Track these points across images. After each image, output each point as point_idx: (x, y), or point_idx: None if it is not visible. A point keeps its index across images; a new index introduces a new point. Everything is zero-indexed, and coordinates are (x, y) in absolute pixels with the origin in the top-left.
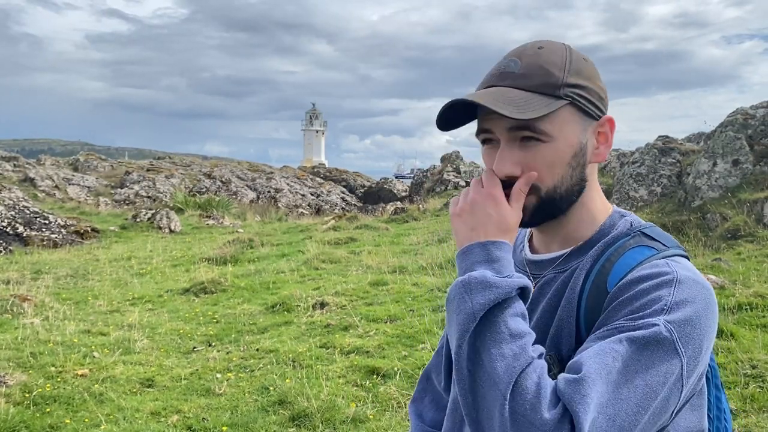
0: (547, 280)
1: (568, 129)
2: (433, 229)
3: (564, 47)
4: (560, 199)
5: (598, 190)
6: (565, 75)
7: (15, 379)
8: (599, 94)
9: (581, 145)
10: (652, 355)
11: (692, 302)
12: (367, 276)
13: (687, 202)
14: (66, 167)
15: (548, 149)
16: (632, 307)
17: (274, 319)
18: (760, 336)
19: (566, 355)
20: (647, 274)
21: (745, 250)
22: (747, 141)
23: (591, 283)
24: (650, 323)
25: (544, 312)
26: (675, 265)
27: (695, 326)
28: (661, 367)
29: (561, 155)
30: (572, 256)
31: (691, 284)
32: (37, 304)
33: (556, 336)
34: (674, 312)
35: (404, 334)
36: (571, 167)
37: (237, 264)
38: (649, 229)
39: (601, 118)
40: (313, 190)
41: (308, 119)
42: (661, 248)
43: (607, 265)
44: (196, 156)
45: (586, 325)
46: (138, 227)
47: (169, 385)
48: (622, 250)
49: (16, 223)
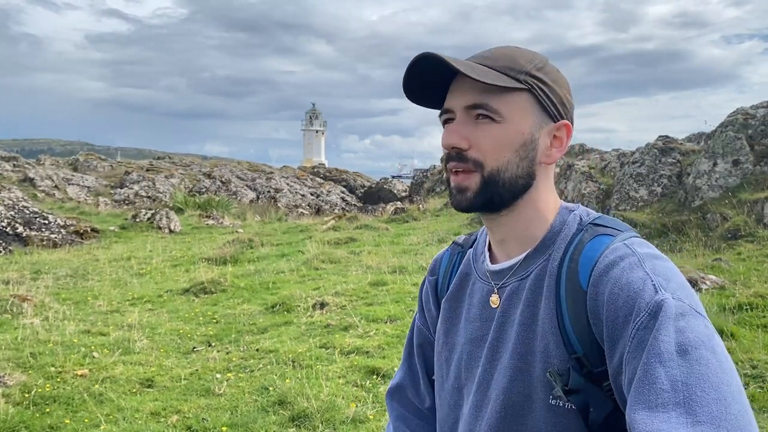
0: (513, 289)
1: (521, 116)
2: (433, 229)
3: (542, 56)
4: (503, 185)
5: (551, 192)
6: (530, 66)
7: (15, 379)
8: (562, 99)
9: (532, 137)
10: (688, 323)
11: (669, 272)
12: (367, 276)
13: (687, 202)
14: (66, 167)
15: (499, 129)
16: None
17: (274, 319)
18: (760, 336)
19: (560, 367)
20: (612, 260)
21: (745, 250)
22: (747, 141)
23: (565, 288)
24: (656, 302)
25: (522, 326)
26: (633, 246)
27: (688, 290)
28: (700, 327)
29: (510, 139)
30: (530, 259)
31: (655, 260)
32: (37, 304)
33: (545, 351)
34: (665, 285)
35: (404, 334)
36: (518, 155)
37: (237, 264)
38: (599, 219)
39: (559, 122)
40: (313, 190)
41: (308, 119)
42: (615, 233)
43: (572, 266)
44: (196, 156)
45: (576, 332)
46: (138, 227)
47: (169, 385)
48: (581, 246)
49: (16, 223)
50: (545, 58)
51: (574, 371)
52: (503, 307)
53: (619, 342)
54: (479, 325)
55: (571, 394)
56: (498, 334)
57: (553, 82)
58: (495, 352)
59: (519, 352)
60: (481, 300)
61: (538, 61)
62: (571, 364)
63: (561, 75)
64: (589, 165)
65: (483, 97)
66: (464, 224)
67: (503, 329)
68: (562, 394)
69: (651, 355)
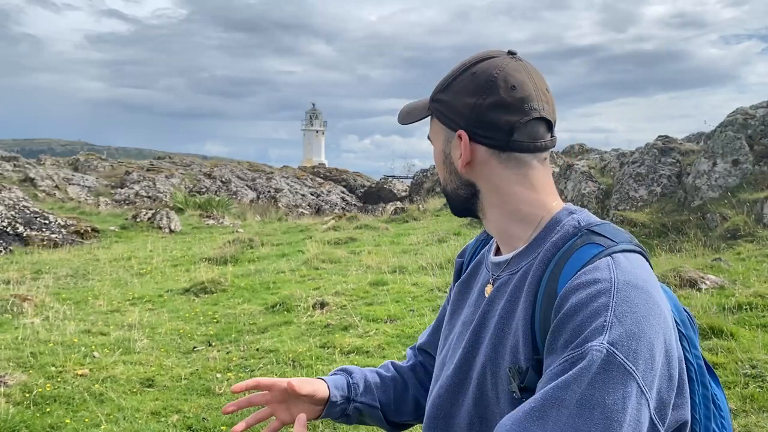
0: (503, 281)
1: (437, 137)
2: (433, 229)
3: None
4: (453, 198)
5: (528, 188)
6: (435, 90)
7: (15, 379)
8: (459, 110)
9: (446, 153)
10: (605, 380)
11: (632, 312)
12: (367, 276)
13: (687, 202)
14: (66, 167)
15: (434, 152)
16: (571, 331)
17: (274, 319)
18: (760, 336)
19: (525, 365)
20: (587, 280)
21: (744, 249)
22: (747, 141)
23: (543, 290)
24: (592, 348)
25: (501, 318)
26: (615, 267)
27: (640, 337)
28: (617, 389)
29: (437, 159)
30: (521, 256)
31: (629, 290)
32: (37, 304)
33: (515, 347)
34: (615, 328)
35: (404, 334)
36: (447, 171)
37: (237, 264)
38: (599, 227)
39: (456, 132)
40: (313, 190)
41: (308, 119)
42: (608, 244)
43: (555, 270)
44: (196, 156)
45: (541, 335)
46: (138, 227)
47: (169, 385)
48: (570, 251)
49: (16, 223)
50: (466, 65)
51: (533, 371)
52: (491, 297)
53: (551, 357)
54: (472, 310)
55: (525, 392)
56: (481, 320)
57: (454, 95)
58: (477, 337)
59: (494, 344)
60: (480, 288)
61: (449, 81)
62: (531, 364)
63: (477, 78)
64: (589, 165)
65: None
66: (464, 224)
67: (486, 317)
68: (517, 390)
69: (554, 397)
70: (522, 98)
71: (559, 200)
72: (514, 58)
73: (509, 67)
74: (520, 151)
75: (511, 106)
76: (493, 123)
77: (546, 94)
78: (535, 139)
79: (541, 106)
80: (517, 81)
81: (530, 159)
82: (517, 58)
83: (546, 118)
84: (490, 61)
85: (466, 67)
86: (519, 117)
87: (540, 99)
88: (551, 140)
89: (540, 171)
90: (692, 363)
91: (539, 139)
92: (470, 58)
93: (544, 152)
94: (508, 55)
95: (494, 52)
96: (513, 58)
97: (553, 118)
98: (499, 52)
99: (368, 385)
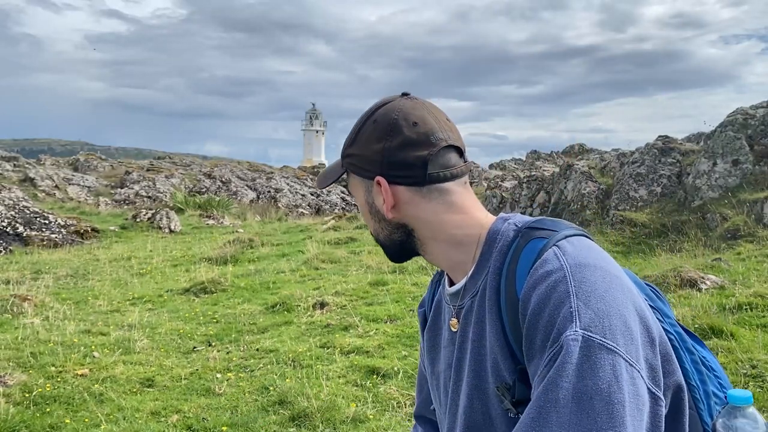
0: (466, 308)
1: (356, 191)
2: None
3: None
4: (389, 245)
5: (456, 212)
6: (345, 148)
7: (15, 379)
8: (370, 158)
9: (369, 203)
10: (591, 366)
11: (593, 291)
12: (367, 276)
13: (687, 202)
14: (66, 167)
15: (358, 205)
16: (543, 330)
17: (274, 319)
18: (760, 336)
19: (511, 379)
20: (540, 275)
21: (745, 250)
22: (747, 141)
23: (504, 299)
24: (567, 338)
25: (474, 344)
26: (563, 254)
27: (610, 313)
28: (606, 371)
29: (363, 212)
30: (474, 277)
31: (583, 271)
32: (37, 304)
33: (495, 365)
34: (583, 312)
35: (404, 334)
36: (375, 220)
37: (237, 264)
38: (535, 223)
39: (373, 180)
40: (313, 190)
41: (308, 119)
42: (550, 235)
43: (509, 275)
44: (196, 156)
45: (516, 342)
46: (138, 227)
47: (169, 385)
48: (516, 253)
49: (16, 223)
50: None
51: (520, 382)
52: (461, 327)
53: (533, 361)
54: (451, 349)
55: (520, 405)
56: (459, 355)
57: (363, 145)
58: (458, 374)
59: (474, 370)
60: (447, 325)
61: (352, 134)
62: (517, 377)
63: (379, 124)
64: (589, 165)
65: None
66: None
67: (462, 349)
68: (512, 406)
69: (549, 399)
70: (426, 132)
71: (490, 215)
72: (409, 98)
73: (406, 106)
74: (438, 182)
75: (418, 141)
76: (405, 162)
77: (447, 123)
78: (449, 167)
79: (446, 135)
80: (417, 117)
81: (450, 186)
82: (411, 98)
83: (454, 145)
84: (386, 106)
85: (366, 118)
86: (428, 150)
87: (443, 129)
88: (465, 165)
89: (462, 194)
90: (671, 332)
91: (452, 166)
92: (368, 109)
93: (461, 177)
94: (402, 97)
95: (388, 98)
96: (408, 98)
97: (461, 145)
98: (393, 97)
99: None
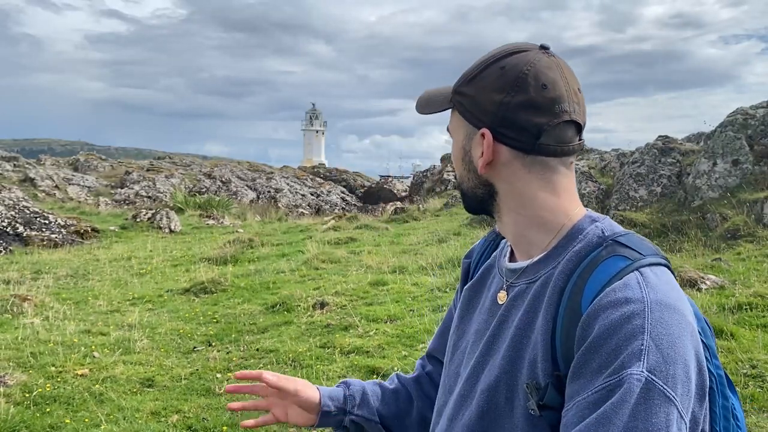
0: (520, 291)
1: (457, 132)
2: (433, 229)
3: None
4: (469, 196)
5: (551, 193)
6: (460, 82)
7: (15, 379)
8: (484, 107)
9: (465, 150)
10: (647, 410)
11: (667, 334)
12: (367, 276)
13: (687, 202)
14: (66, 167)
15: (453, 146)
16: (605, 356)
17: (274, 319)
18: (760, 336)
19: (544, 382)
20: (617, 299)
21: (745, 250)
22: (747, 141)
23: (566, 304)
24: (631, 376)
25: (518, 330)
26: (645, 285)
27: (676, 361)
28: (659, 418)
29: (456, 154)
30: (540, 264)
31: (663, 311)
32: (37, 304)
33: (533, 361)
34: (652, 354)
35: (404, 334)
36: (465, 167)
37: (237, 264)
38: (624, 238)
39: (478, 131)
40: (313, 190)
41: (308, 119)
42: (635, 257)
43: (579, 283)
44: (196, 156)
45: (562, 351)
46: (138, 227)
47: (169, 385)
48: (594, 264)
49: (16, 223)
50: (495, 58)
51: (553, 388)
52: (507, 306)
53: (581, 380)
54: (486, 318)
55: (545, 409)
56: (496, 331)
57: (480, 89)
58: (490, 348)
59: (509, 356)
60: (494, 294)
61: (471, 71)
62: (551, 381)
63: (506, 73)
64: (589, 165)
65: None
66: (464, 224)
67: (502, 328)
68: (536, 408)
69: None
70: (553, 99)
71: (581, 207)
72: (547, 53)
73: (541, 63)
74: (546, 154)
75: (541, 106)
76: (520, 124)
77: (578, 94)
78: (563, 142)
79: (572, 107)
80: (548, 79)
81: (556, 163)
82: (549, 54)
83: (576, 121)
84: (520, 56)
85: (494, 60)
86: (548, 119)
87: (571, 100)
88: (579, 144)
89: (565, 176)
90: (714, 373)
91: (567, 142)
92: (499, 50)
93: (570, 156)
94: (540, 50)
95: (525, 46)
96: (545, 53)
97: (583, 121)
98: (530, 46)
99: (366, 398)
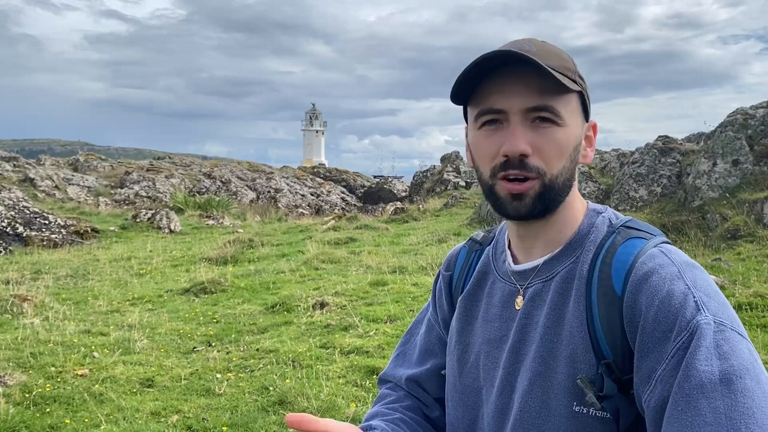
0: (536, 291)
1: (575, 119)
2: (433, 229)
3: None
4: (557, 191)
5: (577, 193)
6: (576, 67)
7: (15, 379)
8: (587, 103)
9: (579, 139)
10: (732, 347)
11: (708, 286)
12: (367, 276)
13: (687, 202)
14: (66, 167)
15: (561, 133)
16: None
17: (274, 319)
18: (760, 336)
19: (589, 373)
20: (651, 267)
21: (744, 250)
22: (747, 141)
23: (597, 292)
24: (699, 323)
25: (547, 329)
26: (668, 254)
27: (729, 307)
28: (745, 352)
29: (568, 143)
30: (555, 260)
31: (693, 269)
32: (37, 304)
33: (571, 357)
34: (707, 302)
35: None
36: (570, 159)
37: (237, 264)
38: (631, 222)
39: (591, 121)
40: (313, 190)
41: (308, 119)
42: (648, 237)
43: (604, 269)
44: (196, 156)
45: (608, 338)
46: (138, 227)
47: (169, 385)
48: (613, 249)
49: (16, 223)
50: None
51: (606, 377)
52: (526, 308)
53: (651, 354)
54: (498, 325)
55: (604, 400)
56: (520, 336)
57: (585, 85)
58: (517, 355)
59: (542, 356)
60: (502, 300)
61: (573, 65)
62: (603, 370)
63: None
64: (589, 165)
65: (545, 99)
66: (464, 224)
67: (525, 331)
68: (596, 400)
69: (693, 386)
70: None
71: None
72: None
73: None
74: None
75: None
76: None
77: None
78: None
79: None
80: None
81: None
82: None
83: None
84: None
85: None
86: None
87: None
88: None
89: None
90: None
91: None
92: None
93: None
94: None
95: None
96: None
97: None
98: None
99: None
